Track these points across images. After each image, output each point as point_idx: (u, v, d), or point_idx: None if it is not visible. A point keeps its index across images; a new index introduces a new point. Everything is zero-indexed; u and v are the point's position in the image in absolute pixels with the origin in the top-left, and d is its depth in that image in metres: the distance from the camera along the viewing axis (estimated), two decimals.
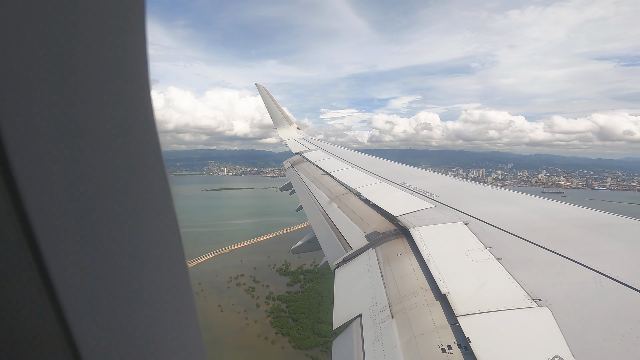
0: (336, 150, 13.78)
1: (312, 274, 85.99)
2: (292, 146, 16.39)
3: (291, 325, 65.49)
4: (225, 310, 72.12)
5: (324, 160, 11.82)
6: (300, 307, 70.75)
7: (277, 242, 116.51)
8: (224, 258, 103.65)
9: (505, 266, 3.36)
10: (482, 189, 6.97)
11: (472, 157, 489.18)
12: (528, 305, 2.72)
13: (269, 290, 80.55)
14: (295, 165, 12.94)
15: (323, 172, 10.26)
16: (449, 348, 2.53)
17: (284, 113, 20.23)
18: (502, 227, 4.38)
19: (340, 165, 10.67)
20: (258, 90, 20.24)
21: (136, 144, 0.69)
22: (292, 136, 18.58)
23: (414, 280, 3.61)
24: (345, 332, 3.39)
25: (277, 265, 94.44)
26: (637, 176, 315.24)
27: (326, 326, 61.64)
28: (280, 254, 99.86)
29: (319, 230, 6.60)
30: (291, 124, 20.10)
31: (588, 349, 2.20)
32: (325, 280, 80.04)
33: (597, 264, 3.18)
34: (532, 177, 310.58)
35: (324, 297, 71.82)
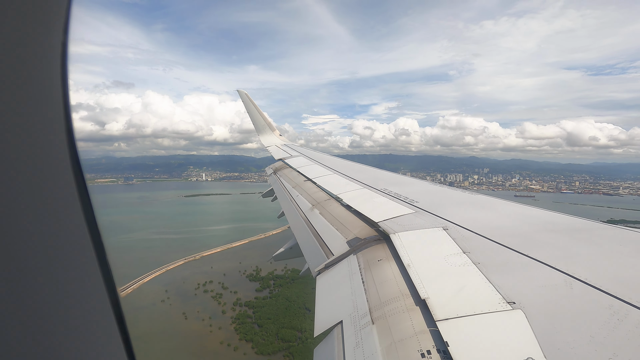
0: (318, 157, 13.82)
1: (282, 280, 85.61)
2: (274, 152, 16.35)
3: (256, 331, 64.93)
4: (190, 317, 71.02)
5: (306, 167, 11.84)
6: (267, 312, 70.26)
7: (250, 247, 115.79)
8: (193, 265, 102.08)
9: (482, 270, 3.45)
10: (460, 195, 7.14)
11: (450, 163, 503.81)
12: (503, 308, 2.79)
13: (237, 296, 79.77)
14: (278, 172, 12.90)
15: (305, 179, 10.27)
16: (428, 353, 2.56)
17: (266, 119, 20.17)
18: (480, 232, 4.49)
19: (322, 171, 10.71)
20: (240, 96, 20.13)
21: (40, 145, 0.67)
22: (274, 142, 18.53)
23: (394, 285, 3.64)
24: (326, 339, 3.38)
25: (248, 272, 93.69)
26: (603, 180, 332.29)
27: (291, 331, 61.89)
28: (252, 259, 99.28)
29: (300, 237, 6.58)
30: (273, 131, 20.05)
31: (559, 350, 2.28)
32: (294, 286, 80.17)
33: (568, 267, 3.30)
34: (506, 182, 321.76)
35: (292, 302, 72.05)
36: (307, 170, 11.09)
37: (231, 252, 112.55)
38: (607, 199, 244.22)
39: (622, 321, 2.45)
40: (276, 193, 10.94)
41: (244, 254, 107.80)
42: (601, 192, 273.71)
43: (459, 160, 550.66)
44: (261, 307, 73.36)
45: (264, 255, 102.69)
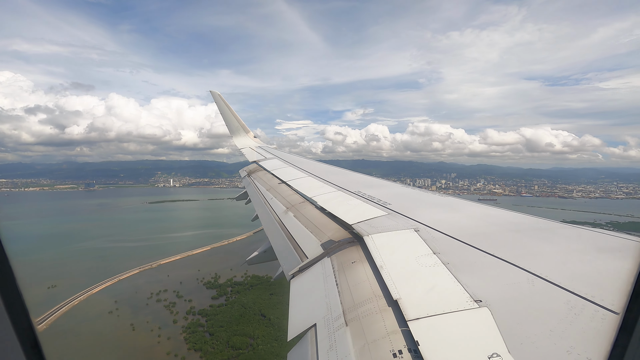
0: (293, 159, 13.79)
1: (240, 286, 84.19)
2: (249, 155, 16.15)
3: (206, 340, 63.32)
4: (138, 328, 68.45)
5: (281, 169, 11.78)
6: (220, 320, 68.84)
7: (212, 254, 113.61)
8: (149, 274, 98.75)
9: (451, 270, 3.56)
10: (431, 197, 7.34)
11: (420, 168, 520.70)
12: (471, 306, 2.89)
13: (191, 305, 77.73)
14: (252, 174, 12.75)
15: (280, 181, 10.21)
16: (400, 353, 2.61)
17: (240, 121, 19.89)
18: (449, 233, 4.63)
19: (297, 174, 10.69)
20: (213, 97, 19.75)
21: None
22: (248, 144, 18.30)
23: (367, 287, 3.69)
24: (299, 343, 3.37)
25: (206, 279, 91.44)
26: (560, 184, 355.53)
27: (243, 338, 60.86)
28: (212, 266, 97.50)
29: (274, 240, 6.54)
30: (247, 133, 19.81)
31: (522, 344, 2.39)
32: (252, 292, 79.21)
33: (530, 265, 3.47)
34: (471, 186, 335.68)
35: (248, 308, 71.04)
36: (281, 173, 11.04)
37: (191, 260, 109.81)
38: (562, 201, 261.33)
39: (579, 315, 2.60)
40: (250, 196, 10.80)
41: (204, 261, 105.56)
42: (557, 195, 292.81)
43: (429, 166, 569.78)
44: (215, 315, 71.69)
45: (224, 261, 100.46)
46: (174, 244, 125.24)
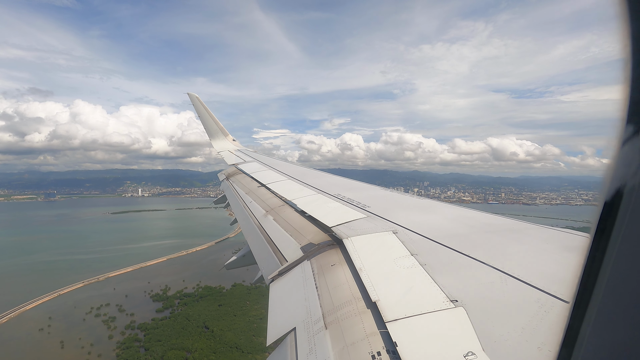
0: (273, 162, 13.70)
1: (190, 298, 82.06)
2: (227, 158, 15.92)
3: (139, 355, 60.89)
4: (68, 346, 65.15)
5: (260, 172, 11.68)
6: (159, 334, 66.46)
7: (167, 266, 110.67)
8: (94, 287, 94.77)
9: (428, 271, 3.62)
10: (409, 200, 7.46)
11: (394, 176, 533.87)
12: (447, 306, 2.96)
13: (132, 319, 74.82)
14: (230, 178, 12.57)
15: (259, 184, 10.12)
16: (379, 354, 2.63)
17: (219, 124, 19.59)
18: (426, 235, 4.72)
19: (276, 177, 10.63)
20: (191, 100, 19.39)
21: None
22: (227, 148, 18.04)
23: (347, 289, 3.70)
24: (279, 347, 3.34)
25: (155, 291, 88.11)
26: (526, 192, 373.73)
27: (179, 352, 59.09)
28: (164, 278, 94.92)
29: (254, 244, 6.46)
30: (226, 136, 19.52)
31: (495, 342, 2.46)
32: (200, 304, 77.57)
33: (504, 265, 3.58)
34: (442, 194, 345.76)
35: (192, 321, 69.33)
36: (261, 176, 10.95)
37: (143, 272, 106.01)
38: (526, 208, 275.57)
39: (549, 312, 2.71)
40: (228, 199, 10.65)
41: (157, 273, 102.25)
42: (521, 202, 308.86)
43: (403, 174, 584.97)
44: (155, 329, 69.10)
45: (178, 273, 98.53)
46: (127, 256, 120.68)
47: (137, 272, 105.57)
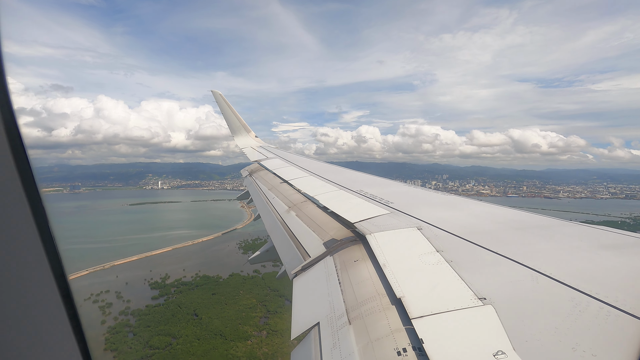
0: (294, 159, 13.78)
1: (186, 286, 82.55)
2: (250, 154, 16.15)
3: (126, 340, 61.49)
4: None
5: (282, 169, 11.77)
6: (149, 320, 67.12)
7: (171, 255, 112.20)
8: (98, 275, 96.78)
9: (454, 268, 3.55)
10: (434, 196, 7.33)
11: (413, 169, 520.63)
12: (475, 304, 2.89)
13: (127, 305, 75.57)
14: (253, 174, 12.75)
15: (281, 181, 10.21)
16: (404, 350, 2.60)
17: (242, 121, 19.87)
18: (452, 231, 4.63)
19: (298, 173, 10.68)
20: (214, 97, 19.76)
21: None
22: (249, 144, 18.29)
23: (370, 285, 3.69)
24: (303, 341, 3.37)
25: (155, 279, 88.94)
26: (550, 185, 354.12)
27: (164, 338, 59.55)
28: (165, 267, 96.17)
29: (277, 239, 6.54)
30: (248, 132, 19.79)
31: (527, 342, 2.39)
32: (195, 292, 78.04)
33: (534, 263, 3.46)
34: (460, 187, 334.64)
35: (183, 308, 69.94)
36: (283, 172, 11.03)
37: (147, 261, 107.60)
38: (546, 202, 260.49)
39: (583, 312, 2.59)
40: (252, 195, 10.80)
41: (160, 262, 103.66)
42: (542, 196, 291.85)
43: (422, 167, 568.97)
44: (146, 315, 69.98)
45: (180, 262, 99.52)
46: (135, 245, 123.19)
47: (141, 261, 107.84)
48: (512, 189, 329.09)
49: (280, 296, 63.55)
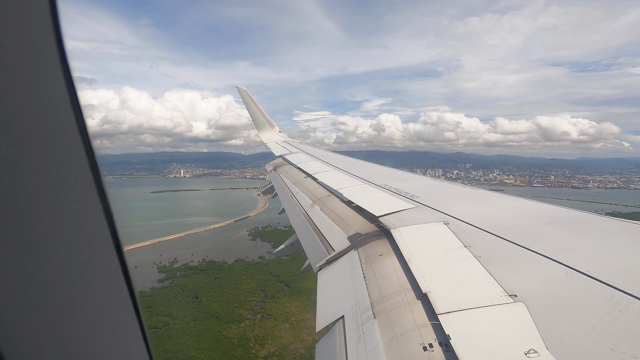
0: (318, 153, 13.81)
1: (191, 270, 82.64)
2: (274, 149, 16.32)
3: None
4: None
5: (306, 163, 11.82)
6: (151, 302, 66.55)
7: (182, 240, 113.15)
8: None
9: (483, 264, 3.45)
10: (461, 190, 7.14)
11: (435, 158, 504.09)
12: (505, 301, 2.80)
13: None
14: (278, 169, 12.89)
15: (305, 175, 10.27)
16: (430, 346, 2.57)
17: (266, 116, 20.10)
18: (480, 226, 4.50)
19: (322, 167, 10.70)
20: (239, 93, 20.08)
21: (56, 145, 0.67)
22: (274, 139, 18.48)
23: (395, 280, 3.65)
24: (328, 334, 3.40)
25: (163, 263, 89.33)
26: (581, 174, 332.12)
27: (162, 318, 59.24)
28: (175, 252, 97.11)
29: (301, 233, 6.59)
30: (273, 127, 19.99)
31: (561, 341, 2.29)
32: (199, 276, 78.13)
33: (569, 260, 3.31)
34: (483, 177, 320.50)
35: (185, 291, 70.18)
36: (307, 167, 11.08)
37: (159, 246, 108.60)
38: (573, 191, 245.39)
39: (624, 312, 2.46)
40: (276, 190, 10.94)
41: (171, 247, 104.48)
42: (570, 186, 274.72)
43: (445, 156, 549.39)
44: (150, 296, 70.08)
45: (190, 247, 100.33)
46: (149, 231, 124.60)
47: (154, 245, 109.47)
48: (538, 178, 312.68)
49: (280, 282, 63.98)
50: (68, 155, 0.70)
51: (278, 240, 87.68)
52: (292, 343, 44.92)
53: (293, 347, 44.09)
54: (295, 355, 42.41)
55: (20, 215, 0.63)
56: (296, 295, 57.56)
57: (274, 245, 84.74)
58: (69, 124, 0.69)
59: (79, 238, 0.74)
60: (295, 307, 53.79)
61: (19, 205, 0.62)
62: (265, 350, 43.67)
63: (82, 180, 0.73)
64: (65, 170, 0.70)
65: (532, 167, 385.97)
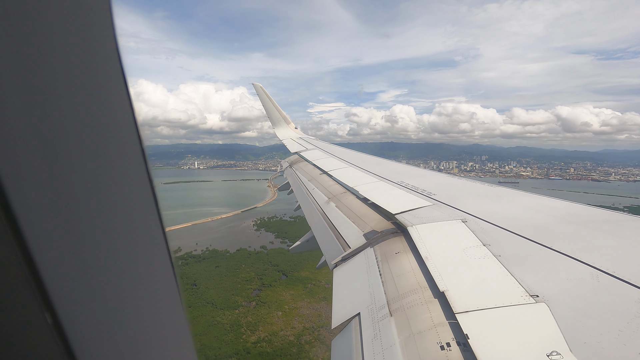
0: (334, 150, 13.78)
1: (194, 259, 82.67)
2: (290, 146, 16.38)
3: None
4: None
5: (322, 160, 11.82)
6: None
7: (189, 230, 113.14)
8: None
9: (503, 263, 3.37)
10: (480, 187, 7.00)
11: (450, 150, 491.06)
12: (526, 301, 2.73)
13: None
14: (293, 165, 12.94)
15: (321, 172, 10.27)
16: (448, 345, 2.53)
17: (282, 113, 20.19)
18: (500, 225, 4.39)
19: (338, 164, 10.67)
20: (255, 89, 20.22)
21: (116, 141, 0.69)
22: (289, 136, 18.55)
23: (412, 278, 3.62)
24: (344, 331, 3.40)
25: None
26: (603, 167, 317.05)
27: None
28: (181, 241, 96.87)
29: (317, 230, 6.60)
30: (288, 124, 20.07)
31: (585, 343, 2.22)
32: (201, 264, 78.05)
33: (594, 260, 3.20)
34: (499, 169, 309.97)
35: (184, 278, 69.74)
36: (322, 164, 11.08)
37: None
38: (593, 184, 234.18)
39: None
40: (292, 186, 10.98)
41: (177, 237, 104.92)
42: (590, 179, 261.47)
43: (460, 148, 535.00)
44: None
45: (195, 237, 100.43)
46: None
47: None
48: (557, 171, 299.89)
49: (278, 271, 64.27)
50: (126, 149, 0.72)
51: (282, 231, 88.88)
52: (282, 330, 45.34)
53: (283, 333, 44.50)
54: (284, 341, 42.81)
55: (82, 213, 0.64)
56: (292, 284, 57.87)
57: (277, 235, 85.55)
58: (127, 117, 0.71)
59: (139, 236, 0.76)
60: (290, 296, 54.06)
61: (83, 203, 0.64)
62: (256, 336, 44.30)
63: (140, 176, 0.75)
64: (125, 162, 0.72)
65: (552, 160, 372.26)
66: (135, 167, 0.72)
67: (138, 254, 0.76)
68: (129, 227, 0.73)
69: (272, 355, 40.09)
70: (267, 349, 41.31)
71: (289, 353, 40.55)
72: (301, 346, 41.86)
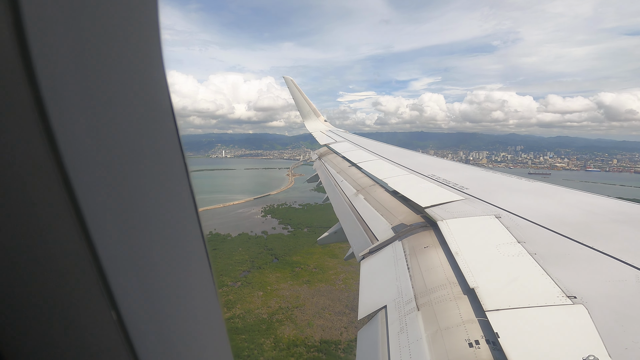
0: (363, 142, 13.67)
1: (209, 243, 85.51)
2: (319, 138, 16.42)
3: None
4: None
5: (351, 152, 11.77)
6: None
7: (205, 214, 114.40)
8: None
9: (538, 261, 3.24)
10: (516, 182, 6.71)
11: (483, 140, 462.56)
12: (562, 302, 2.61)
13: None
14: (322, 157, 12.98)
15: (350, 164, 10.24)
16: (477, 343, 2.48)
17: (312, 105, 20.26)
18: (536, 221, 4.21)
19: (366, 156, 10.59)
20: (286, 83, 20.40)
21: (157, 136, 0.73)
22: (319, 128, 18.59)
23: (441, 273, 3.56)
24: (370, 322, 3.41)
25: None
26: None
27: None
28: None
29: (345, 222, 6.62)
30: (318, 116, 20.11)
31: (626, 349, 2.10)
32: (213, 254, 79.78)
33: (639, 261, 3.00)
34: (532, 160, 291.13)
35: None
36: (351, 156, 11.03)
37: None
38: (635, 177, 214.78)
39: None
40: (321, 178, 11.04)
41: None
42: (632, 171, 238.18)
43: (494, 138, 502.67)
44: None
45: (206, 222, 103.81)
46: None
47: None
48: (599, 162, 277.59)
49: (271, 255, 64.35)
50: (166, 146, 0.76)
51: (287, 217, 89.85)
52: (258, 308, 46.04)
53: (257, 311, 45.24)
54: (257, 319, 43.54)
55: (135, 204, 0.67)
56: (281, 268, 58.10)
57: (281, 222, 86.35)
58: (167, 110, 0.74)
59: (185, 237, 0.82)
60: (275, 278, 54.33)
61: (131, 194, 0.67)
62: (231, 313, 45.31)
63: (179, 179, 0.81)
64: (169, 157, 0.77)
65: (595, 150, 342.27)
66: (174, 160, 0.76)
67: (186, 254, 0.82)
68: (177, 229, 0.78)
69: (241, 330, 41.20)
70: (238, 325, 42.45)
71: (258, 329, 41.50)
72: (271, 324, 42.63)
